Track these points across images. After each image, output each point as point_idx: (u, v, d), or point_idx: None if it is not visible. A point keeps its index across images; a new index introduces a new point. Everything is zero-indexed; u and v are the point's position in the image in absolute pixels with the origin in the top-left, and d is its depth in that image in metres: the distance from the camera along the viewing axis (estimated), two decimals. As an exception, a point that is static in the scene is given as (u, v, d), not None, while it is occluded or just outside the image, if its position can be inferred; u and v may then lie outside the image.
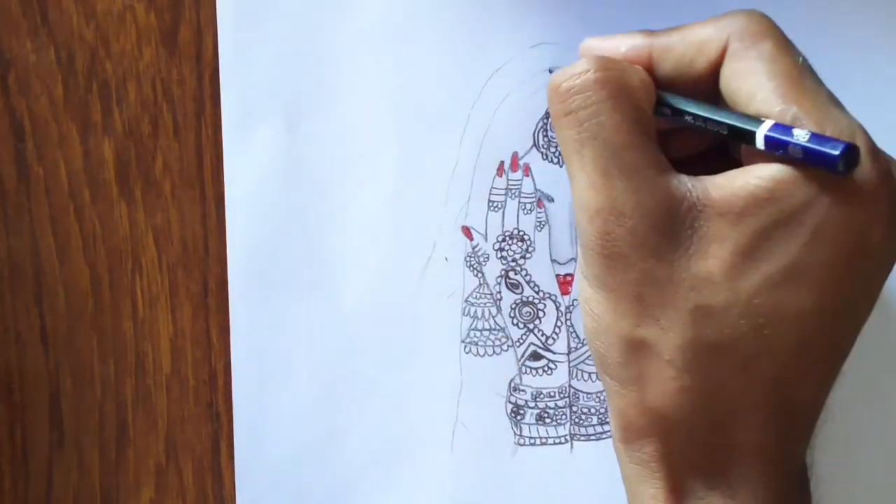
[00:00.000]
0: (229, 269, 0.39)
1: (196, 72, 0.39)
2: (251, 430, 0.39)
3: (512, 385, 0.41)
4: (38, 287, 0.39)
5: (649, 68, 0.34)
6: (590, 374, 0.41)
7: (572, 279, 0.41)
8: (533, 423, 0.41)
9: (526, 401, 0.41)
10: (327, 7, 0.39)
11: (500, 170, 0.41)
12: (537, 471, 0.41)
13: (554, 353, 0.41)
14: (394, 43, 0.40)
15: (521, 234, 0.41)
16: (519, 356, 0.41)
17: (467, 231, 0.41)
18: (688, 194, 0.31)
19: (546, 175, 0.41)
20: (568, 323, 0.41)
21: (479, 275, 0.41)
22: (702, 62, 0.33)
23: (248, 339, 0.39)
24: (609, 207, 0.31)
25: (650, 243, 0.31)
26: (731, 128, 0.32)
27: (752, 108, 0.32)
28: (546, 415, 0.41)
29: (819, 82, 0.32)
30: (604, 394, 0.41)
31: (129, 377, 0.40)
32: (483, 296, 0.41)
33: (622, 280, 0.32)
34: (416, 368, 0.40)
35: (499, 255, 0.41)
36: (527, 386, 0.41)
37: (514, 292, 0.41)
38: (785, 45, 0.32)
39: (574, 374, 0.41)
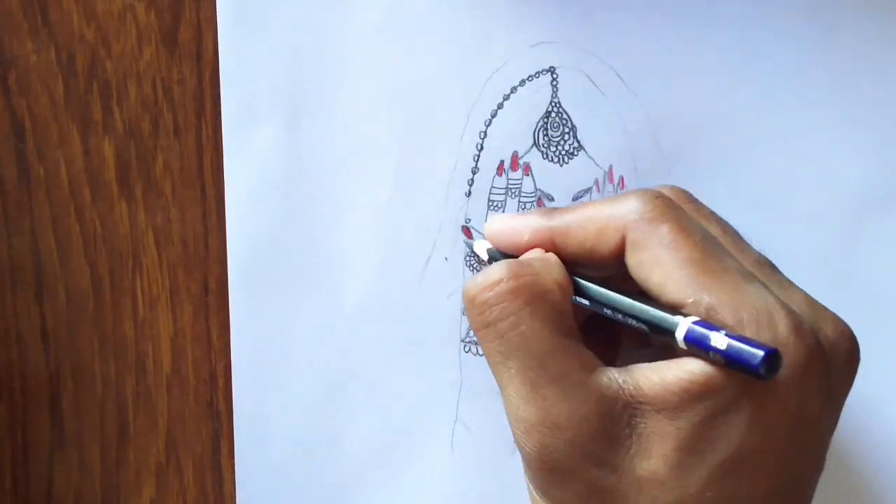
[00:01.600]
0: (229, 268, 0.39)
1: (196, 71, 0.39)
2: (251, 429, 0.39)
3: (512, 384, 0.41)
4: (39, 286, 0.39)
5: (554, 251, 0.34)
6: (590, 373, 0.41)
7: (572, 278, 0.41)
8: (533, 423, 0.41)
9: (526, 400, 0.41)
10: (327, 7, 0.39)
11: (500, 169, 0.41)
12: (537, 470, 0.41)
13: (554, 352, 0.41)
14: (394, 43, 0.40)
15: (522, 233, 0.41)
16: (519, 355, 0.41)
17: (467, 230, 0.41)
18: (621, 392, 0.30)
19: (546, 174, 0.41)
20: (568, 322, 0.41)
21: (480, 274, 0.41)
22: (603, 249, 0.33)
23: (248, 338, 0.39)
24: (543, 419, 0.30)
25: (591, 452, 0.30)
26: (650, 325, 0.31)
27: (664, 300, 0.31)
28: (546, 414, 0.41)
29: (725, 255, 0.31)
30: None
31: (130, 376, 0.40)
32: (483, 295, 0.41)
33: (569, 492, 0.31)
34: (416, 368, 0.40)
35: (499, 255, 0.41)
36: (527, 385, 0.41)
37: (514, 292, 0.41)
38: (683, 226, 0.31)
39: (574, 374, 0.41)
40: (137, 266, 0.40)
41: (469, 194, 0.41)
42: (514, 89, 0.41)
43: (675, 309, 0.31)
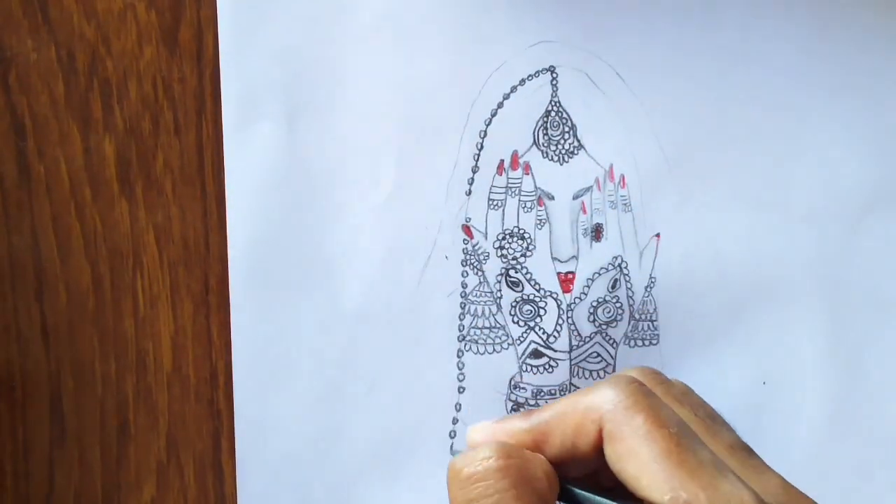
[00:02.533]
0: (230, 266, 0.39)
1: (197, 70, 0.39)
2: (252, 427, 0.39)
3: (512, 383, 0.41)
4: (39, 285, 0.39)
5: (537, 450, 0.33)
6: (591, 372, 0.42)
7: (573, 277, 0.41)
8: (533, 421, 0.41)
9: (526, 399, 0.41)
10: (327, 6, 0.39)
11: (500, 168, 0.41)
12: (538, 469, 0.41)
13: (555, 350, 0.41)
14: (394, 43, 0.40)
15: (522, 232, 0.41)
16: (519, 354, 0.41)
17: (467, 229, 0.41)
18: None
19: (546, 173, 0.41)
20: (569, 321, 0.41)
21: (480, 273, 0.41)
22: (583, 443, 0.32)
23: (248, 336, 0.39)
24: None
25: None
26: None
27: (642, 494, 0.31)
28: (546, 413, 0.41)
29: (699, 446, 0.31)
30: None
31: (130, 375, 0.40)
32: (483, 294, 0.41)
33: None
34: (416, 366, 0.40)
35: (499, 254, 0.41)
36: (527, 384, 0.41)
37: (514, 290, 0.41)
38: (656, 416, 0.31)
39: (575, 373, 0.41)
40: (138, 264, 0.40)
41: (469, 193, 0.41)
42: (514, 88, 0.41)
43: None
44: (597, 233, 0.42)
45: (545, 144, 0.41)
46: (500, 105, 0.41)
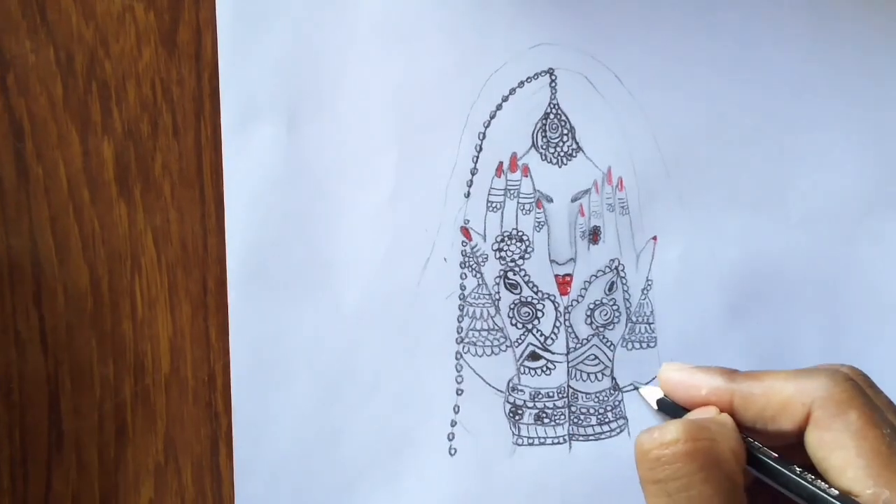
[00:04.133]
0: (228, 269, 0.39)
1: (195, 72, 0.39)
2: (250, 430, 0.39)
3: (510, 385, 0.41)
4: (38, 287, 0.39)
5: (730, 411, 0.34)
6: (588, 374, 0.42)
7: (571, 279, 0.41)
8: (531, 423, 0.41)
9: (524, 401, 0.41)
10: (327, 7, 0.39)
11: (499, 170, 0.41)
12: (536, 471, 0.41)
13: (553, 353, 0.41)
14: (393, 45, 0.40)
15: (520, 234, 0.41)
16: (517, 356, 0.41)
17: (466, 231, 0.41)
18: None
19: (545, 176, 0.41)
20: (567, 323, 0.41)
21: (478, 275, 0.41)
22: (785, 421, 0.33)
23: (247, 339, 0.39)
24: None
25: None
26: None
27: (840, 484, 0.31)
28: (545, 415, 0.41)
29: None
30: (602, 394, 0.42)
31: (129, 377, 0.40)
32: (482, 296, 0.41)
33: None
34: (414, 368, 0.40)
35: (497, 256, 0.41)
36: (525, 386, 0.41)
37: (512, 292, 0.41)
38: (871, 416, 0.32)
39: (573, 375, 0.42)
40: (136, 267, 0.39)
41: (468, 195, 0.41)
42: (513, 90, 0.41)
43: (850, 495, 0.31)
44: (594, 235, 0.42)
45: (544, 147, 0.41)
46: (499, 107, 0.41)
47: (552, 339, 0.41)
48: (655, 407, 0.39)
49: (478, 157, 0.41)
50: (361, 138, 0.40)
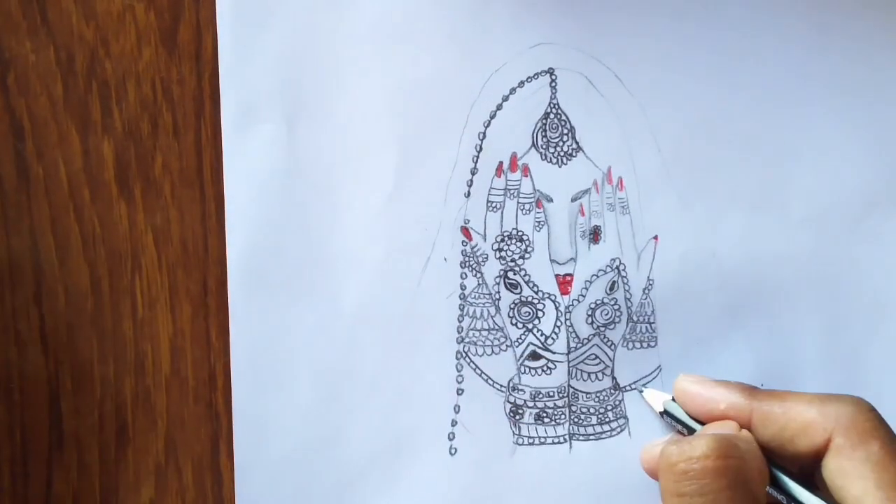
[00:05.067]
0: (229, 269, 0.39)
1: (196, 71, 0.39)
2: (251, 430, 0.39)
3: (511, 385, 0.41)
4: (38, 287, 0.39)
5: (748, 427, 0.34)
6: (589, 373, 0.42)
7: (571, 279, 0.42)
8: (532, 423, 0.41)
9: (525, 400, 0.41)
10: (327, 7, 0.39)
11: (499, 170, 0.41)
12: (536, 470, 0.41)
13: (553, 352, 0.41)
14: (394, 43, 0.40)
15: (520, 234, 0.41)
16: (518, 356, 0.41)
17: (466, 231, 0.41)
18: None
19: (545, 175, 0.41)
20: (567, 323, 0.41)
21: (478, 275, 0.41)
22: (804, 444, 0.33)
23: (247, 339, 0.39)
24: None
25: None
26: None
27: None
28: (545, 414, 0.41)
29: None
30: (603, 393, 0.42)
31: (129, 377, 0.40)
32: (482, 296, 0.41)
33: None
34: (415, 368, 0.40)
35: (497, 256, 0.41)
36: (526, 386, 0.41)
37: (512, 292, 0.41)
38: (893, 449, 0.32)
39: (573, 374, 0.42)
40: (136, 266, 0.39)
41: (468, 195, 0.41)
42: (513, 90, 0.41)
43: None
44: (595, 235, 0.42)
45: (544, 146, 0.41)
46: (499, 107, 0.41)
47: (553, 338, 0.41)
48: (660, 411, 0.39)
49: (478, 157, 0.41)
50: (362, 138, 0.40)
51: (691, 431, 0.38)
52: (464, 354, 0.41)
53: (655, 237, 0.42)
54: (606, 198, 0.42)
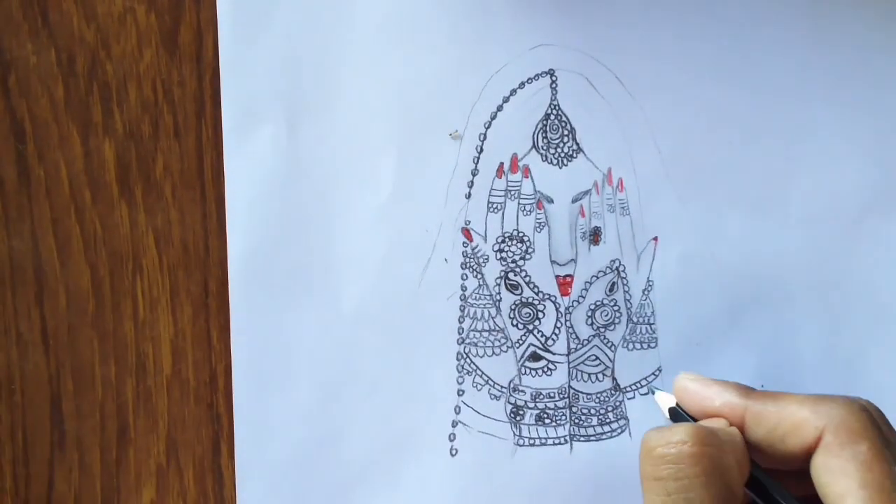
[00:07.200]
0: (230, 270, 0.39)
1: (196, 73, 0.39)
2: (252, 430, 0.39)
3: (511, 386, 0.41)
4: (39, 288, 0.39)
5: (741, 428, 0.34)
6: (589, 374, 0.42)
7: (572, 280, 0.42)
8: (532, 424, 0.41)
9: (525, 401, 0.41)
10: (327, 8, 0.39)
11: (500, 171, 0.41)
12: (537, 471, 0.41)
13: (553, 353, 0.41)
14: (394, 44, 0.40)
15: (521, 235, 0.41)
16: (518, 357, 0.41)
17: (467, 232, 0.41)
18: None
19: (545, 176, 0.41)
20: (567, 324, 0.41)
21: (479, 276, 0.41)
22: (794, 442, 0.33)
23: (248, 340, 0.39)
24: None
25: None
26: None
27: None
28: (545, 415, 0.41)
29: None
30: (603, 394, 0.42)
31: (130, 378, 0.40)
32: (482, 297, 0.41)
33: None
34: (415, 369, 0.40)
35: (498, 257, 0.41)
36: (526, 387, 0.41)
37: (513, 293, 0.41)
38: (882, 449, 0.32)
39: (574, 375, 0.42)
40: (137, 268, 0.39)
41: (469, 196, 0.41)
42: (513, 91, 0.41)
43: None
44: (595, 236, 0.42)
45: (544, 148, 0.41)
46: (500, 108, 0.41)
47: (553, 339, 0.41)
48: (667, 414, 0.39)
49: (478, 158, 0.41)
50: (362, 139, 0.40)
51: None
52: (464, 355, 0.41)
53: (655, 238, 0.42)
54: (607, 199, 0.42)
